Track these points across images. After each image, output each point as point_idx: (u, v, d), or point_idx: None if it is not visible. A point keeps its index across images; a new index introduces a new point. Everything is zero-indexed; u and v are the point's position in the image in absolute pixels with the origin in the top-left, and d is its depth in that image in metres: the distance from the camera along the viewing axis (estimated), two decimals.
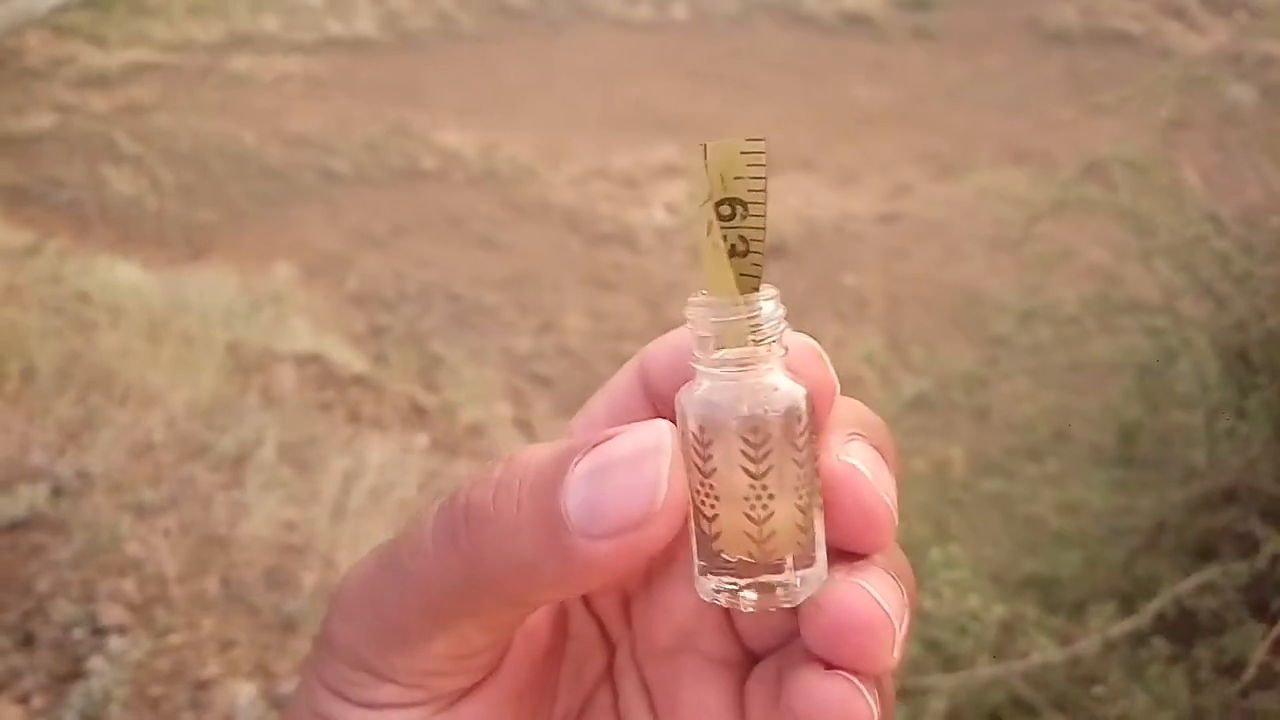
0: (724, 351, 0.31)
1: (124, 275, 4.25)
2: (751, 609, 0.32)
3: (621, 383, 0.37)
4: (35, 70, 7.14)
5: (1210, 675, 1.38)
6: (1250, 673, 1.21)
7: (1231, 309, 1.66)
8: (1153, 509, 1.65)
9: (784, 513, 0.31)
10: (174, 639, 2.08)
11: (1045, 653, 1.40)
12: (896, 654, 0.31)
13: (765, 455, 0.30)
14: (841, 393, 0.35)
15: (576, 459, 0.30)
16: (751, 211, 0.31)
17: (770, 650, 0.36)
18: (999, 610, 1.47)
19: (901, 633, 0.32)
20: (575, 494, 0.30)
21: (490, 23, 7.80)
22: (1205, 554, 1.57)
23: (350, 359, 3.73)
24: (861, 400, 0.36)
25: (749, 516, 0.31)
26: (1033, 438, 2.17)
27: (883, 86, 6.39)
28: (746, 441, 0.30)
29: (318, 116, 6.35)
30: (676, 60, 7.02)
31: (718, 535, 0.31)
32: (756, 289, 0.32)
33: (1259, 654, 1.23)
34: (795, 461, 0.31)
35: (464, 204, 5.35)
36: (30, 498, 2.39)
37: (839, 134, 5.77)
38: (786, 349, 0.32)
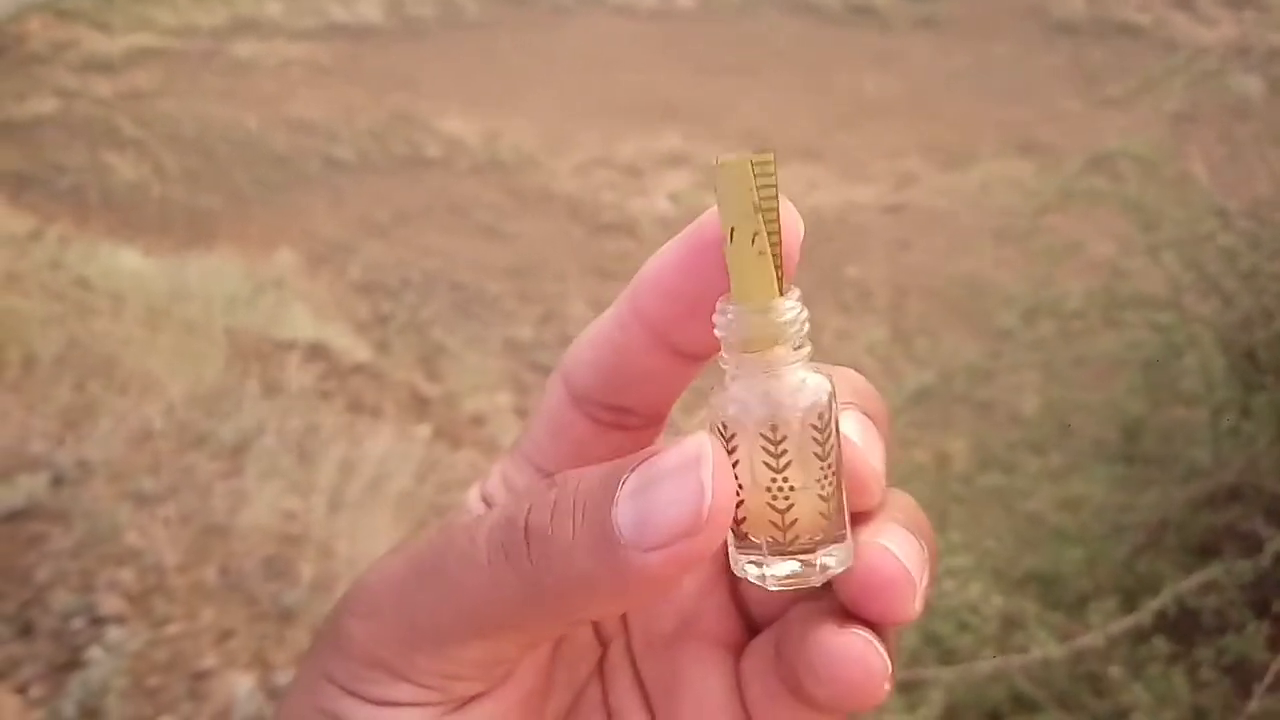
0: (749, 353, 0.33)
1: (125, 261, 4.25)
2: (777, 588, 0.33)
3: (552, 399, 0.39)
4: (38, 55, 7.12)
5: (1212, 675, 1.38)
6: (1267, 679, 1.20)
7: (1238, 306, 1.64)
8: (1155, 506, 1.64)
9: (806, 504, 0.32)
10: (172, 629, 2.08)
11: (1046, 648, 1.39)
12: (918, 605, 0.34)
13: (784, 452, 0.32)
14: None
15: (624, 478, 0.32)
16: (765, 220, 0.33)
17: (771, 620, 0.38)
18: (999, 602, 1.46)
19: (923, 584, 0.34)
20: (626, 511, 0.31)
21: (494, 10, 7.77)
22: (1208, 552, 1.56)
23: (352, 347, 3.72)
24: None
25: (771, 506, 0.32)
26: (1036, 432, 2.16)
27: (888, 76, 6.36)
28: (765, 439, 0.32)
29: (321, 103, 6.33)
30: (681, 49, 6.99)
31: (744, 520, 0.33)
32: (777, 293, 0.33)
33: (1270, 658, 1.22)
34: (817, 455, 0.32)
35: (467, 192, 5.34)
36: (30, 487, 2.40)
37: (844, 124, 5.74)
38: (810, 349, 0.33)
